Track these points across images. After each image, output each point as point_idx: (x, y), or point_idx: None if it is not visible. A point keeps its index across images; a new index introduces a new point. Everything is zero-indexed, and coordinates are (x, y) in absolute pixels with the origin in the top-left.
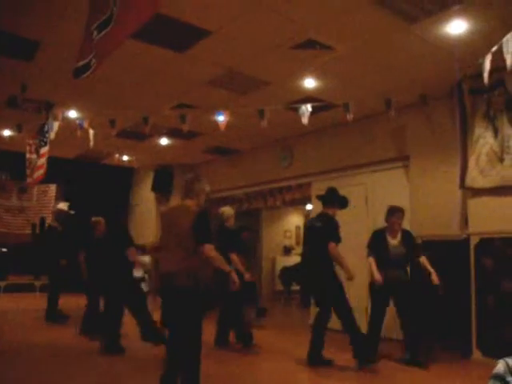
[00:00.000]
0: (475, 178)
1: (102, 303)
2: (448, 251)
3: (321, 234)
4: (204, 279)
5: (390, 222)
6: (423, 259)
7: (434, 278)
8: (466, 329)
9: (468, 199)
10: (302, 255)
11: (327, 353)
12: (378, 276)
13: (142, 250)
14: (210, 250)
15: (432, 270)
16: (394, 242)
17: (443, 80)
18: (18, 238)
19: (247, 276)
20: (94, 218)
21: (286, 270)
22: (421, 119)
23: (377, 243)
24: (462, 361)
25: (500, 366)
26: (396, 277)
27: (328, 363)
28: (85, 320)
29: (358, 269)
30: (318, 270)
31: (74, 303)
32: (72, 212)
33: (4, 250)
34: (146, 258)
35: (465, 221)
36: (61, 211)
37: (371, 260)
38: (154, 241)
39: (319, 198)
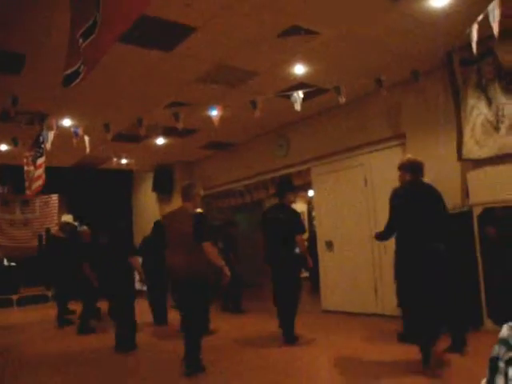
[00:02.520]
0: (472, 150)
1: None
2: (451, 224)
3: (285, 226)
4: (201, 272)
5: None
6: None
7: None
8: (475, 300)
9: (467, 171)
10: (265, 246)
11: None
12: None
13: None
14: (207, 246)
15: None
16: None
17: (433, 54)
18: (26, 250)
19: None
20: (79, 228)
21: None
22: (414, 95)
23: None
24: (473, 331)
25: (504, 331)
26: None
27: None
28: (81, 321)
29: (360, 249)
30: (283, 260)
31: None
32: (76, 223)
33: (13, 264)
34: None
35: (466, 193)
36: (66, 224)
37: None
38: None
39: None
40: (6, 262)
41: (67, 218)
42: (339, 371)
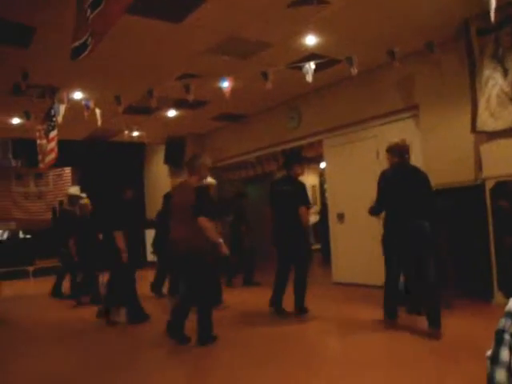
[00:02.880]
0: (486, 121)
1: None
2: (463, 197)
3: (292, 198)
4: (199, 247)
5: None
6: None
7: None
8: (485, 273)
9: (481, 143)
10: (273, 218)
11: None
12: None
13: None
14: (202, 221)
15: None
16: None
17: (448, 23)
18: (40, 223)
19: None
20: (81, 201)
21: None
22: (428, 66)
23: None
24: (484, 305)
25: (511, 304)
26: None
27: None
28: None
29: (371, 221)
30: (290, 233)
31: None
32: (83, 195)
33: (28, 236)
34: None
35: (479, 166)
36: (72, 196)
37: None
38: None
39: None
40: (21, 235)
41: (74, 189)
42: (347, 342)
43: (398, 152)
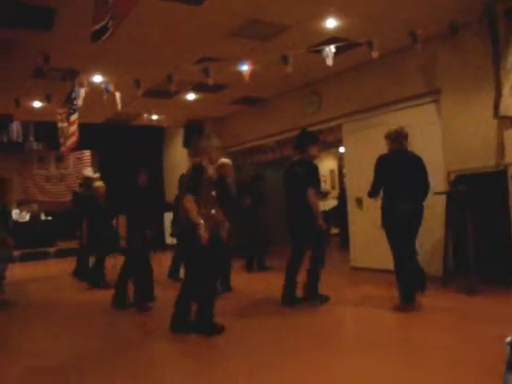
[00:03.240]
0: (510, 107)
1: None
2: (485, 183)
3: (302, 180)
4: (190, 227)
5: None
6: None
7: None
8: (507, 260)
9: (504, 129)
10: (286, 201)
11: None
12: None
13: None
14: (186, 200)
15: None
16: None
17: (473, 4)
18: (61, 205)
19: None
20: (96, 184)
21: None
22: (451, 50)
23: None
24: (504, 292)
25: None
26: None
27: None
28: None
29: None
30: (299, 216)
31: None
32: (96, 176)
33: (49, 218)
34: None
35: (501, 151)
36: (87, 178)
37: None
38: None
39: (295, 144)
40: (42, 217)
41: (88, 171)
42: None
43: (397, 138)
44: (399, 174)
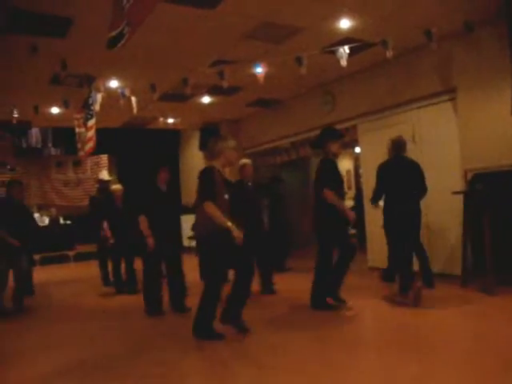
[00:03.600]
0: None
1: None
2: (502, 182)
3: (318, 180)
4: (208, 233)
5: None
6: None
7: None
8: None
9: None
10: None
11: None
12: None
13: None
14: (207, 207)
15: None
16: None
17: (488, 2)
18: (79, 209)
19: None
20: (113, 186)
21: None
22: (467, 47)
23: None
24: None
25: None
26: None
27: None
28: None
29: None
30: (317, 215)
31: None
32: (112, 178)
33: (68, 222)
34: None
35: None
36: (101, 181)
37: None
38: None
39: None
40: (61, 221)
41: (103, 174)
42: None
43: (394, 147)
44: (398, 178)
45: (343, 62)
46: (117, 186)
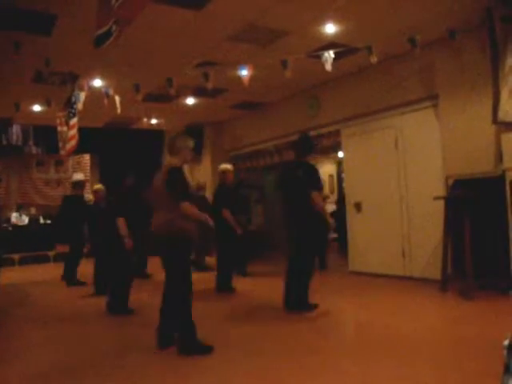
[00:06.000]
0: (508, 112)
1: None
2: (483, 188)
3: (303, 183)
4: (180, 230)
5: None
6: None
7: None
8: (504, 266)
9: (502, 134)
10: (283, 203)
11: None
12: None
13: None
14: (184, 208)
15: None
16: None
17: (471, 10)
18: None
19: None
20: (95, 187)
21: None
22: (449, 55)
23: None
24: (501, 298)
25: None
26: None
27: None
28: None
29: (389, 211)
30: (299, 218)
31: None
32: (86, 178)
33: (48, 221)
34: None
35: (499, 157)
36: (78, 181)
37: None
38: None
39: (293, 147)
40: (41, 220)
41: (79, 175)
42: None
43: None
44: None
45: (328, 67)
46: (99, 186)
